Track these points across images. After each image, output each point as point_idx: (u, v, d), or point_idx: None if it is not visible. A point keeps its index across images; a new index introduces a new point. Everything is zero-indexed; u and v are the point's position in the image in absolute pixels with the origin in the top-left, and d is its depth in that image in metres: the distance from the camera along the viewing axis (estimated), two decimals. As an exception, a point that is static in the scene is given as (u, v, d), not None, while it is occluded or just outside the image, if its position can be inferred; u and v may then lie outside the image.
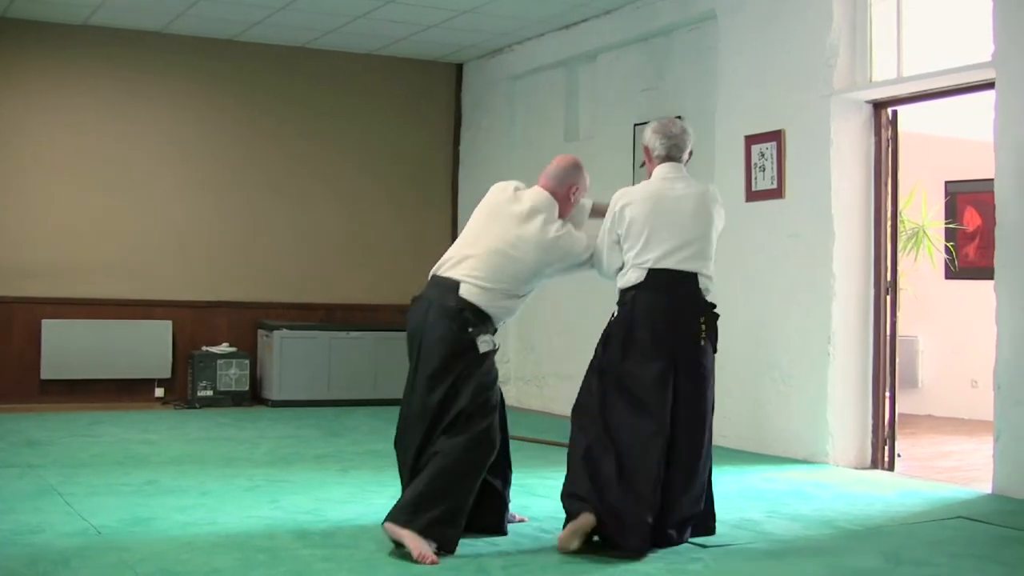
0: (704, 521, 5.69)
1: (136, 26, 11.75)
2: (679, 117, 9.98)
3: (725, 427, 9.26)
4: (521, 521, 6.05)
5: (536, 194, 5.83)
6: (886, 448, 8.49)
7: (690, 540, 5.57)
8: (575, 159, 6.03)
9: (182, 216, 12.13)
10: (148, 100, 12.03)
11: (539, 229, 5.67)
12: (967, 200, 11.76)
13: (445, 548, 5.24)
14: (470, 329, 5.50)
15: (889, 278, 8.58)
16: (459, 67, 13.44)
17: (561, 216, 5.84)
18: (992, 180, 7.45)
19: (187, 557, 5.12)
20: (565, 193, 5.89)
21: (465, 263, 5.64)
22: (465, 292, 5.55)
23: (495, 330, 5.68)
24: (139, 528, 5.73)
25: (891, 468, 8.42)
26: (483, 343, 5.53)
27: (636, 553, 5.25)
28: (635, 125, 10.61)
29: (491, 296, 5.56)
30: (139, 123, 11.98)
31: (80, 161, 11.74)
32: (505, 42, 12.29)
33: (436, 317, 5.54)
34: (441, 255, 5.87)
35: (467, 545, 5.41)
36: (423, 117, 13.34)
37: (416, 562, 5.06)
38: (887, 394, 8.54)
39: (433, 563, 5.05)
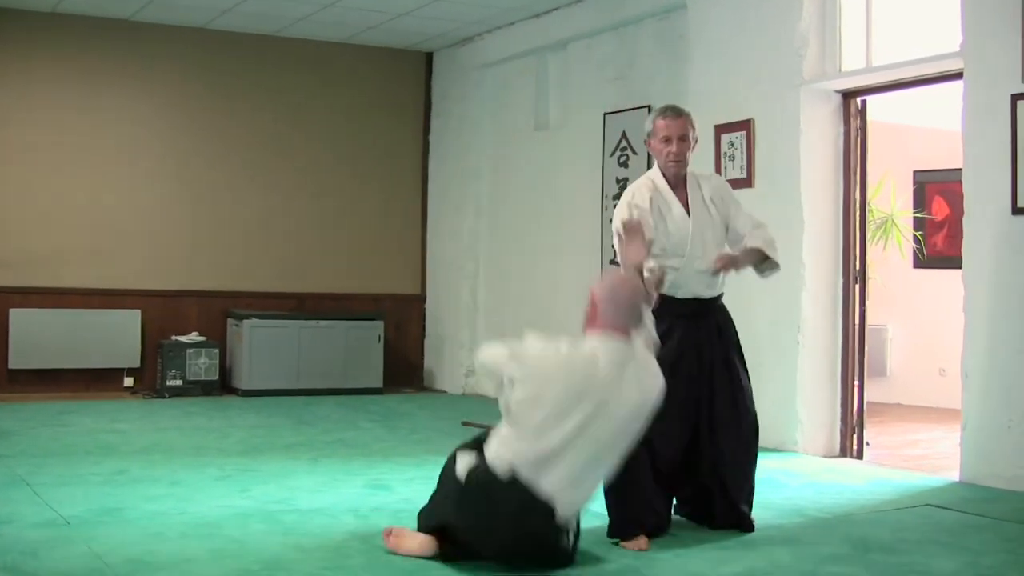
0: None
1: (105, 14, 11.68)
2: (647, 107, 10.06)
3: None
4: None
5: None
6: (855, 436, 8.53)
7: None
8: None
9: (151, 205, 12.08)
10: (117, 89, 11.97)
11: None
12: (935, 189, 11.82)
13: None
14: None
15: (858, 267, 8.62)
16: (429, 56, 13.42)
17: None
18: (960, 170, 7.49)
19: (157, 547, 5.11)
20: None
21: None
22: None
23: None
24: (108, 518, 5.71)
25: (860, 456, 8.46)
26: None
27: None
28: (605, 114, 10.62)
29: None
30: (108, 112, 11.93)
31: (49, 150, 11.67)
32: (475, 31, 12.27)
33: None
34: (412, 243, 5.93)
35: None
36: (393, 106, 13.31)
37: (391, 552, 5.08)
38: (856, 383, 8.58)
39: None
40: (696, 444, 5.77)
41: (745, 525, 5.75)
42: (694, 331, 5.78)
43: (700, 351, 5.78)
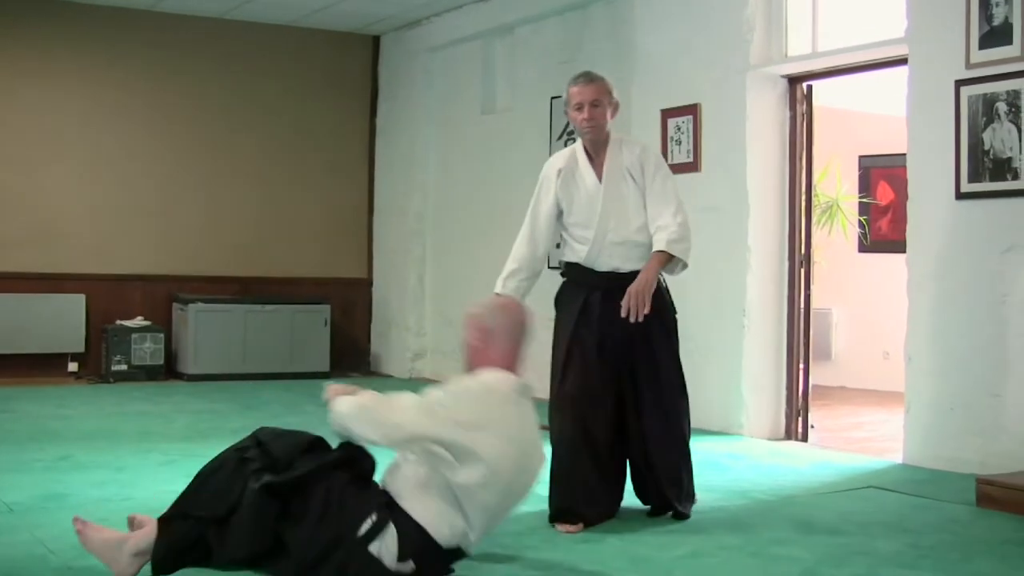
0: None
1: (46, -5, 11.59)
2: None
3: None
4: None
5: None
6: (799, 419, 8.59)
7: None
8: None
9: (94, 188, 11.97)
10: (58, 70, 11.84)
11: None
12: (880, 174, 11.90)
13: None
14: None
15: (803, 251, 8.67)
16: (376, 39, 13.37)
17: None
18: (905, 155, 7.54)
19: (101, 533, 5.08)
20: None
21: None
22: None
23: None
24: (52, 504, 5.67)
25: (804, 439, 8.52)
26: None
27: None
28: (552, 98, 10.61)
29: None
30: (49, 94, 11.80)
31: (-11, 132, 11.58)
32: (423, 14, 12.23)
33: None
34: (358, 228, 5.93)
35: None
36: (340, 89, 13.25)
37: None
38: (801, 366, 8.64)
39: None
40: (625, 423, 5.60)
41: (674, 512, 5.62)
42: (611, 305, 5.45)
43: (620, 326, 5.44)
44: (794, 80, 8.68)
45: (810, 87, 8.71)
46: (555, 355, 5.61)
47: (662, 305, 5.63)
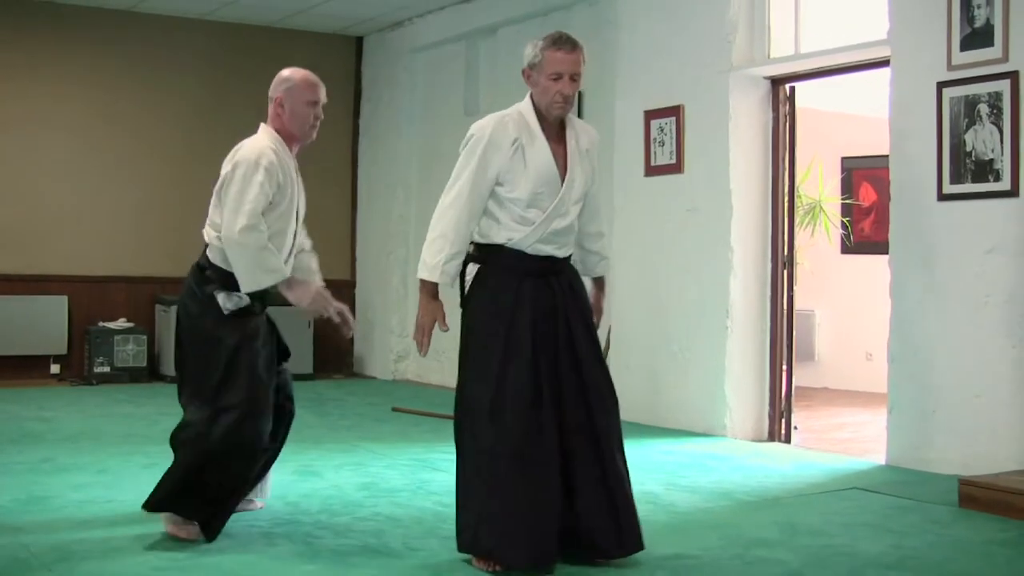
0: None
1: (26, -5, 11.56)
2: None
3: (623, 400, 9.28)
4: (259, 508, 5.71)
5: None
6: (783, 420, 8.60)
7: None
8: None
9: (77, 189, 11.94)
10: (41, 71, 11.81)
11: None
12: (863, 176, 11.92)
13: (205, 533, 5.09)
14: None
15: (786, 252, 8.68)
16: (359, 40, 13.36)
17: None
18: (887, 156, 7.56)
19: (84, 535, 5.07)
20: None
21: None
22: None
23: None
24: (34, 507, 5.65)
25: (788, 440, 8.53)
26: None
27: None
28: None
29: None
30: (30, 94, 11.76)
31: (-29, 133, 11.54)
32: (406, 15, 12.23)
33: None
34: (341, 228, 5.82)
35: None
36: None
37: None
38: (784, 367, 8.65)
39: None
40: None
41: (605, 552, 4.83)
42: (547, 292, 4.84)
43: (555, 313, 4.82)
44: (777, 81, 8.70)
45: (793, 88, 8.72)
46: (484, 350, 4.79)
47: (583, 300, 5.03)
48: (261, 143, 5.33)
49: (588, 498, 4.73)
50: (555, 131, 4.91)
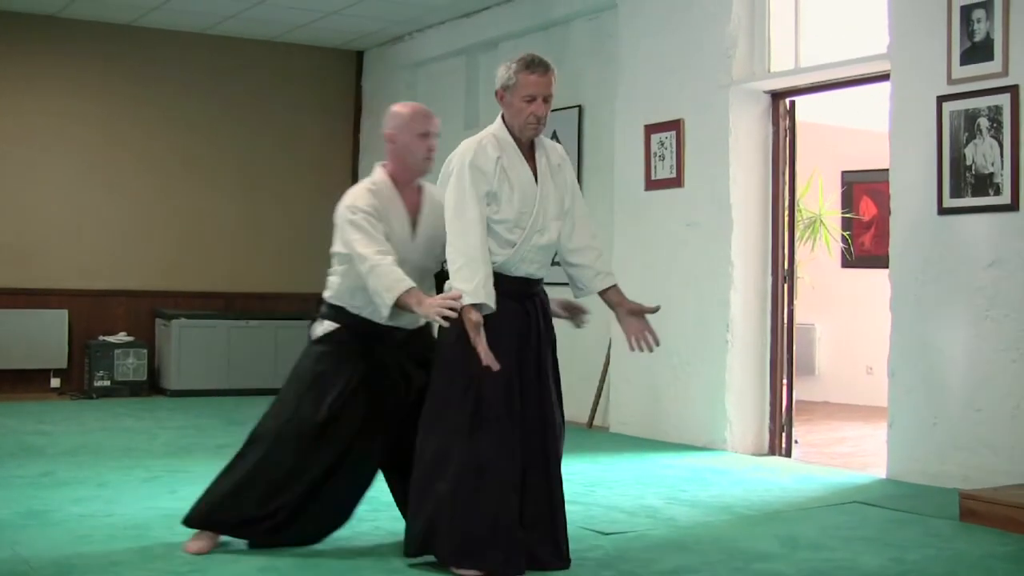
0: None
1: (31, 9, 11.54)
2: (578, 107, 10.11)
3: (624, 414, 9.34)
4: None
5: None
6: (783, 434, 8.60)
7: None
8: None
9: (78, 204, 11.95)
10: (42, 85, 11.83)
11: None
12: (863, 189, 11.93)
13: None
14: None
15: (786, 266, 8.68)
16: (360, 54, 13.38)
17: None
18: (887, 170, 7.56)
19: (84, 550, 5.06)
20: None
21: None
22: None
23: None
24: (34, 521, 5.64)
25: (788, 454, 8.53)
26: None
27: None
28: (536, 114, 10.61)
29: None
30: (33, 109, 11.78)
31: (-28, 147, 11.55)
32: (406, 29, 12.25)
33: None
34: (340, 243, 5.69)
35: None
36: (323, 105, 13.26)
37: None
38: (784, 381, 8.65)
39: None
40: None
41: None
42: (523, 316, 4.95)
43: (529, 336, 4.95)
44: (777, 96, 8.71)
45: (793, 102, 8.73)
46: (462, 370, 4.80)
47: (551, 324, 5.14)
48: (356, 188, 5.29)
49: (533, 515, 4.83)
50: (527, 150, 5.03)
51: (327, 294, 5.38)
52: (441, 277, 5.10)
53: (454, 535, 4.73)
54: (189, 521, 5.13)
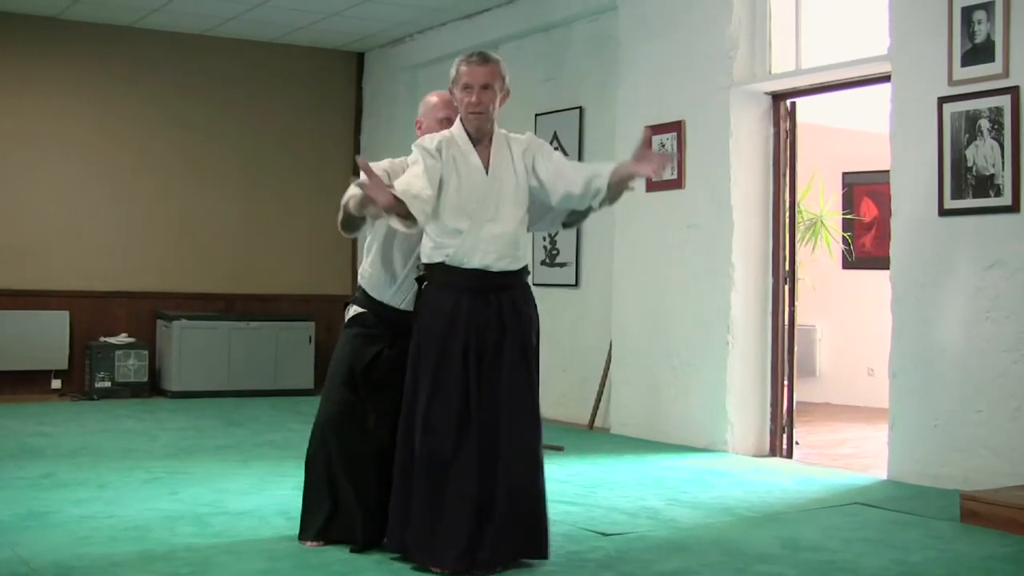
0: None
1: (32, 11, 11.55)
2: (579, 108, 10.13)
3: (625, 415, 9.34)
4: None
5: None
6: (784, 436, 8.60)
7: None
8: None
9: (79, 205, 11.95)
10: (43, 86, 11.83)
11: None
12: (864, 191, 11.93)
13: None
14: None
15: (787, 268, 8.68)
16: (360, 56, 13.38)
17: None
18: (888, 171, 7.56)
19: (84, 551, 5.05)
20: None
21: None
22: None
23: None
24: (35, 522, 5.64)
25: (789, 455, 8.53)
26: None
27: None
28: (536, 115, 10.63)
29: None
30: (34, 110, 11.79)
31: (-27, 149, 11.55)
32: (407, 31, 12.25)
33: None
34: (343, 245, 5.81)
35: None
36: (324, 106, 13.27)
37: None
38: (785, 382, 8.65)
39: None
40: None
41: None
42: (485, 310, 4.93)
43: (489, 332, 4.92)
44: (778, 97, 8.71)
45: (794, 104, 8.74)
46: (421, 364, 4.94)
47: (525, 321, 5.04)
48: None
49: (499, 510, 4.83)
50: (483, 144, 5.08)
51: (359, 280, 5.55)
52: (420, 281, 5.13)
53: (412, 531, 4.84)
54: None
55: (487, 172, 5.01)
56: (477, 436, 4.83)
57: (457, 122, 5.14)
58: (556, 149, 10.26)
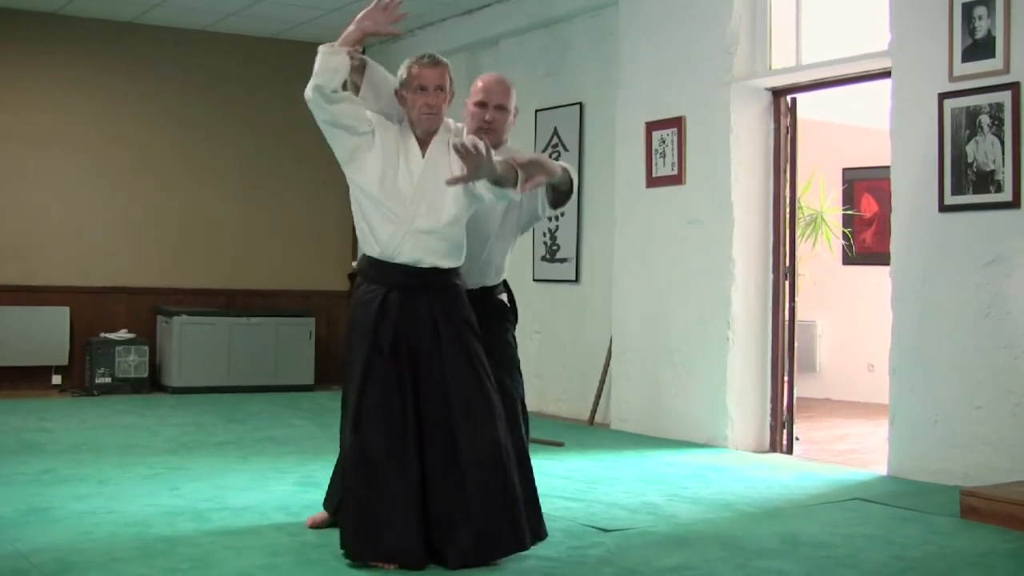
0: None
1: (31, 7, 11.54)
2: (579, 104, 10.12)
3: (625, 411, 9.34)
4: None
5: None
6: (784, 431, 8.60)
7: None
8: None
9: (79, 201, 11.95)
10: (43, 82, 11.82)
11: None
12: (864, 187, 11.93)
13: None
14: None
15: (787, 264, 8.68)
16: (361, 51, 13.35)
17: None
18: (888, 167, 7.56)
19: (85, 547, 5.05)
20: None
21: None
22: None
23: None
24: (35, 518, 5.64)
25: (789, 451, 8.53)
26: None
27: None
28: (536, 111, 10.62)
29: None
30: (34, 106, 11.78)
31: (-27, 144, 11.55)
32: (407, 27, 12.22)
33: None
34: (343, 241, 5.77)
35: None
36: (325, 102, 13.23)
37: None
38: (785, 378, 8.65)
39: None
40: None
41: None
42: (410, 312, 4.95)
43: (416, 333, 4.94)
44: (778, 93, 8.70)
45: (794, 100, 8.73)
46: (352, 358, 5.04)
47: (459, 324, 5.01)
48: None
49: (440, 508, 4.83)
50: (425, 141, 5.16)
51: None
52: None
53: (355, 527, 4.82)
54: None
55: (423, 167, 5.05)
56: (416, 434, 4.84)
57: (404, 124, 5.23)
58: (557, 145, 10.35)
